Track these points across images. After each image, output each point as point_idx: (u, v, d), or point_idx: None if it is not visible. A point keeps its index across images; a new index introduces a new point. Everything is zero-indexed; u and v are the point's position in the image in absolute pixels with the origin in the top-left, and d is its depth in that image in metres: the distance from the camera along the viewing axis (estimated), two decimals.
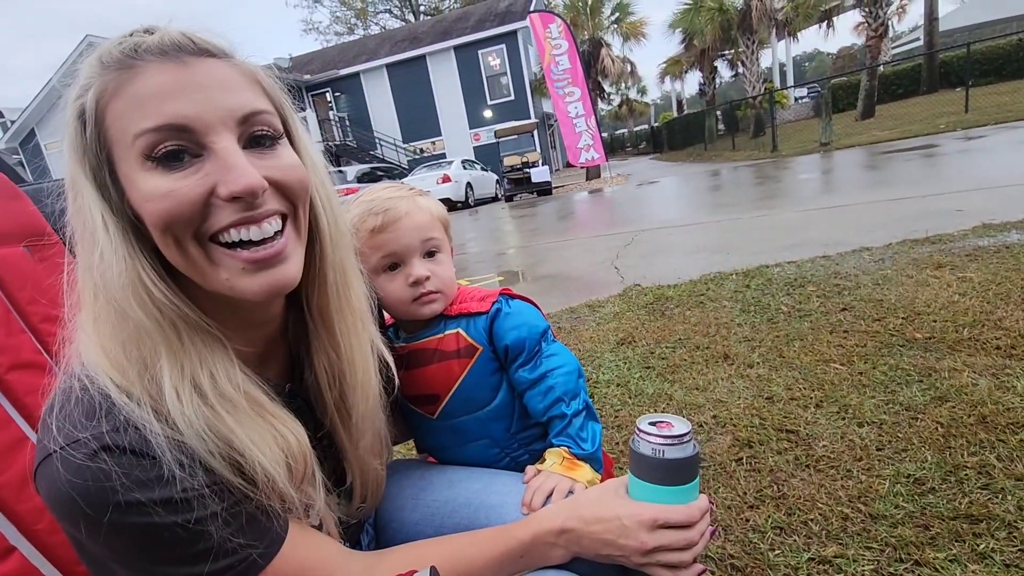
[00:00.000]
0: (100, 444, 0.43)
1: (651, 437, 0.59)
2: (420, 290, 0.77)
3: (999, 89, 13.40)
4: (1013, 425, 1.49)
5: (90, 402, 0.46)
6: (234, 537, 0.47)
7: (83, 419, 0.45)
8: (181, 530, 0.45)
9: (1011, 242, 3.06)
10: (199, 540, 0.46)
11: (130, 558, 0.45)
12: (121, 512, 0.42)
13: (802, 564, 1.17)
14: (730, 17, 18.96)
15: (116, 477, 0.42)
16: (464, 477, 0.79)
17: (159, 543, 0.44)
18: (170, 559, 0.45)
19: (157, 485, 0.44)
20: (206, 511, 0.46)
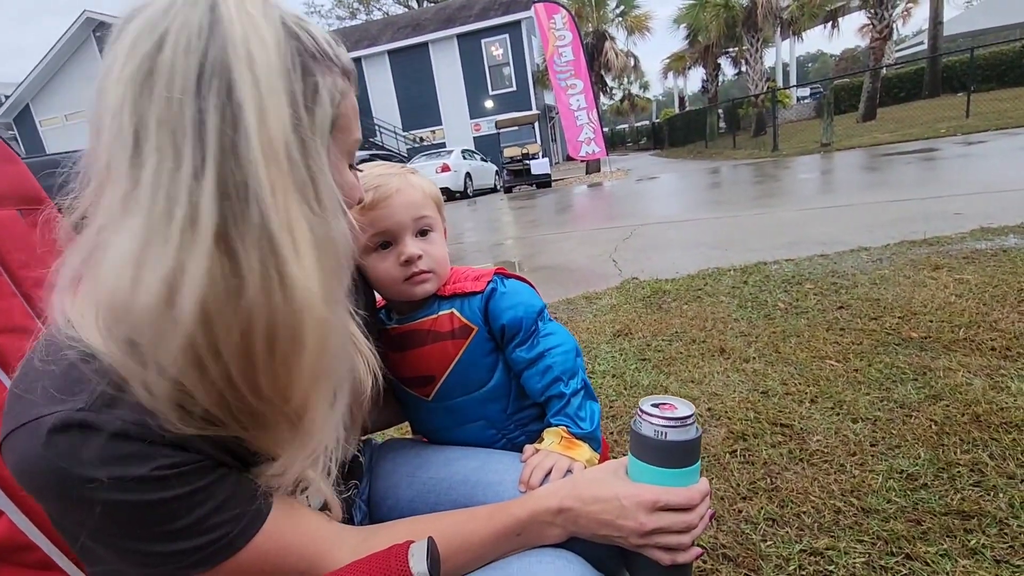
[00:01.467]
0: (73, 419, 0.40)
1: (653, 418, 0.58)
2: (412, 269, 0.75)
3: (1001, 95, 13.45)
4: (1006, 424, 1.50)
5: (67, 370, 0.43)
6: (214, 515, 0.45)
7: (56, 390, 0.42)
8: (157, 508, 0.43)
9: (1008, 246, 3.07)
10: (176, 518, 0.44)
11: (103, 535, 0.43)
12: (93, 489, 0.40)
13: (794, 555, 1.18)
14: (735, 14, 18.86)
15: (88, 452, 0.40)
16: (461, 455, 0.79)
17: (133, 521, 0.42)
18: (145, 536, 0.43)
19: (132, 462, 0.41)
20: (184, 488, 0.44)
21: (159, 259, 0.40)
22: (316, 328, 0.46)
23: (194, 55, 0.41)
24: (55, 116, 24.49)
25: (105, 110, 0.43)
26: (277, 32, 0.45)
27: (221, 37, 0.42)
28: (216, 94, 0.41)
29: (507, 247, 6.18)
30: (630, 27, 21.26)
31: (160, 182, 0.40)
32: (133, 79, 0.42)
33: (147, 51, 0.42)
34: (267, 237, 0.42)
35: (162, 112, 0.41)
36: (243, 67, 0.42)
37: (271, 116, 0.42)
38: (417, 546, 0.52)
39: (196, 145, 0.40)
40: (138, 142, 0.41)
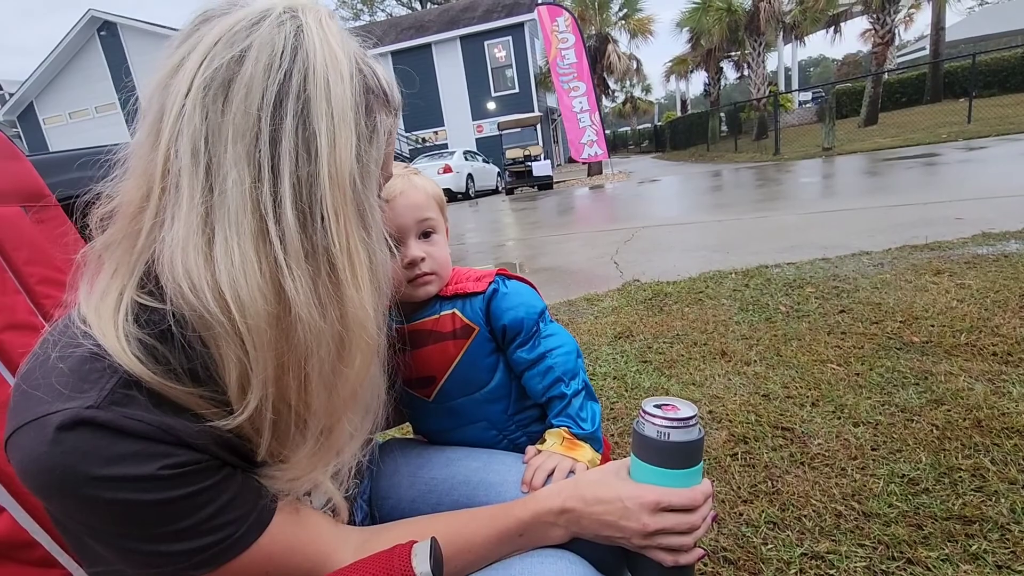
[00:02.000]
0: (82, 416, 0.40)
1: (656, 419, 0.58)
2: (415, 271, 0.75)
3: (1002, 101, 13.45)
4: (1007, 430, 1.50)
5: (78, 364, 0.42)
6: (218, 515, 0.45)
7: (65, 386, 0.41)
8: (162, 507, 0.42)
9: (1010, 251, 3.07)
10: (181, 517, 0.43)
11: (106, 534, 0.43)
12: (98, 487, 0.40)
13: (795, 559, 1.17)
14: (738, 18, 18.88)
15: (95, 451, 0.40)
16: (463, 456, 0.79)
17: (137, 520, 0.42)
18: (149, 536, 0.43)
19: (138, 460, 0.41)
20: (189, 488, 0.43)
21: (236, 267, 0.42)
22: (366, 350, 0.49)
23: (275, 76, 0.43)
24: (59, 114, 24.55)
25: (170, 107, 0.44)
26: (351, 66, 0.47)
27: (303, 64, 0.44)
28: (292, 118, 0.43)
29: (509, 248, 6.18)
30: (633, 30, 21.29)
31: (244, 195, 0.42)
32: (207, 86, 0.43)
33: (226, 61, 0.43)
34: (328, 259, 0.45)
35: (239, 125, 0.42)
36: (321, 97, 0.44)
37: (341, 147, 0.45)
38: (420, 546, 0.51)
39: (272, 164, 0.43)
40: (212, 151, 0.42)
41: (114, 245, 0.47)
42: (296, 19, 0.46)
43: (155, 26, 22.36)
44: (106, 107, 23.71)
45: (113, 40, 22.75)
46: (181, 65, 0.44)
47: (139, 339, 0.43)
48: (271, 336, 0.43)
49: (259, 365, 0.44)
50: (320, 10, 0.49)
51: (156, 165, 0.44)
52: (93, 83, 23.33)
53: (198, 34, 0.46)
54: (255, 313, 0.42)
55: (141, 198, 0.45)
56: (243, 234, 0.42)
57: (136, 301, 0.45)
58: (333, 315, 0.45)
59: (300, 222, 0.43)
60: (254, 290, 0.42)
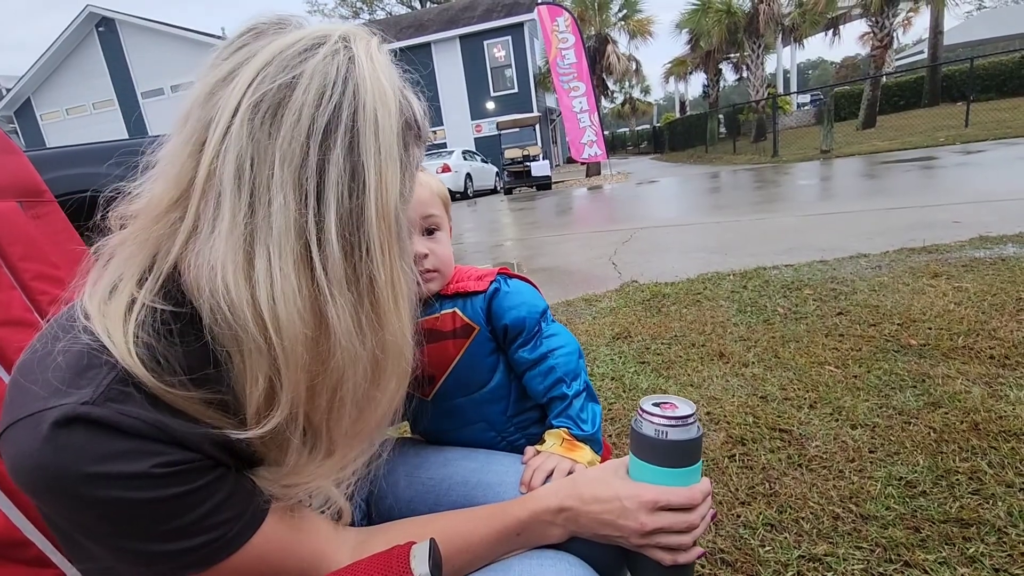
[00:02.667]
0: (76, 413, 0.39)
1: (654, 418, 0.58)
2: (418, 268, 0.75)
3: (1000, 105, 13.50)
4: (1005, 433, 1.50)
5: (75, 359, 0.42)
6: (212, 514, 0.45)
7: (61, 381, 0.41)
8: (154, 506, 0.42)
9: (1007, 255, 3.08)
10: (174, 516, 0.43)
11: (98, 533, 0.42)
12: (90, 485, 0.39)
13: (792, 561, 1.17)
14: (737, 20, 18.90)
15: (89, 448, 0.39)
16: (461, 456, 0.78)
17: (130, 518, 0.41)
18: (141, 535, 0.42)
19: (131, 458, 0.41)
20: (183, 487, 0.43)
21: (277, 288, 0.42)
22: (401, 375, 0.52)
23: (326, 107, 0.44)
24: (56, 110, 24.44)
25: (216, 121, 0.44)
26: (397, 102, 0.48)
27: (353, 97, 0.45)
28: (341, 149, 0.44)
29: (507, 248, 6.18)
30: (632, 31, 21.30)
31: (289, 219, 0.43)
32: (257, 106, 0.43)
33: (277, 85, 0.44)
34: (372, 290, 0.46)
35: (286, 151, 0.43)
36: (370, 132, 0.45)
37: (388, 182, 0.46)
38: (419, 547, 0.51)
39: (318, 192, 0.43)
40: (257, 173, 0.43)
41: (131, 243, 0.47)
42: (349, 49, 0.47)
43: (154, 23, 22.29)
44: (104, 104, 23.63)
45: (111, 36, 22.67)
46: (231, 78, 0.45)
47: (148, 343, 0.43)
48: (307, 359, 0.44)
49: (290, 384, 0.45)
50: (371, 42, 0.50)
51: (197, 175, 0.44)
52: (91, 79, 23.25)
53: (247, 49, 0.46)
54: (292, 335, 0.43)
55: (170, 202, 0.45)
56: (285, 257, 0.43)
57: (151, 305, 0.45)
58: (372, 342, 0.47)
59: (345, 251, 0.44)
60: (292, 312, 0.43)
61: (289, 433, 0.47)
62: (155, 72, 22.23)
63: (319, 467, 0.51)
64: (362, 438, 0.53)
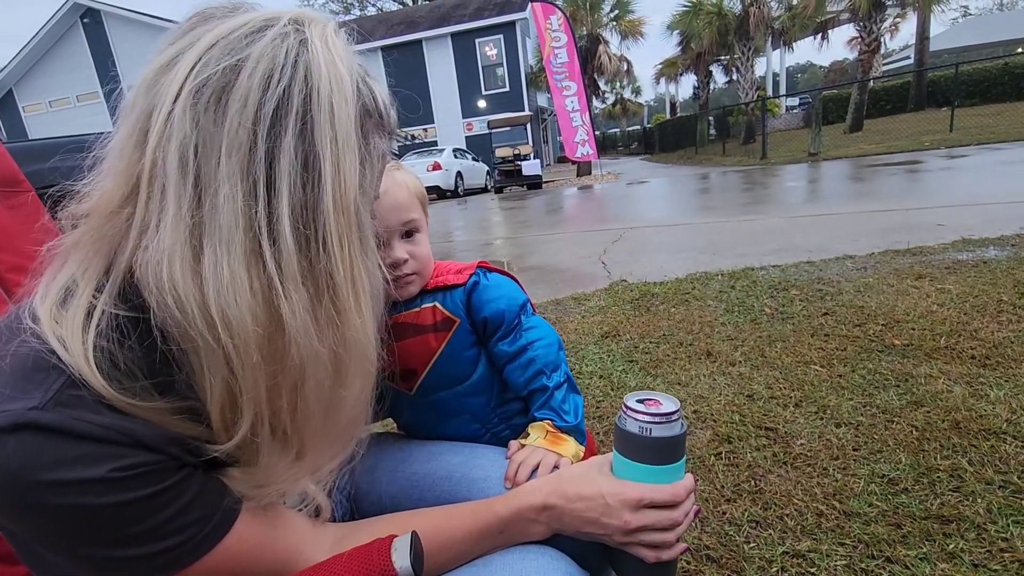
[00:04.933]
0: (25, 419, 0.37)
1: (638, 415, 0.57)
2: (397, 272, 0.75)
3: (984, 111, 13.73)
4: (985, 431, 1.52)
5: (21, 363, 0.40)
6: (178, 517, 0.42)
7: (8, 386, 0.39)
8: (115, 511, 0.39)
9: (988, 257, 3.13)
10: (137, 521, 0.41)
11: (58, 542, 0.40)
12: (45, 493, 0.37)
13: (776, 557, 1.18)
14: (728, 22, 19.03)
15: (41, 454, 0.37)
16: (444, 450, 0.78)
17: (90, 525, 0.39)
18: (104, 541, 0.40)
19: (87, 463, 0.38)
20: (145, 491, 0.41)
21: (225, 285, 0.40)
22: (365, 376, 0.49)
23: (273, 91, 0.41)
24: (39, 102, 24.01)
25: (158, 108, 0.42)
26: (355, 88, 0.46)
27: (305, 82, 0.42)
28: (292, 137, 0.41)
29: (497, 247, 6.17)
30: (624, 31, 21.37)
31: (236, 212, 0.40)
32: (199, 91, 0.41)
33: (221, 68, 0.41)
34: (331, 286, 0.44)
35: (232, 139, 0.40)
36: (325, 120, 0.42)
37: (346, 172, 0.44)
38: (400, 540, 0.50)
39: (268, 182, 0.41)
40: (202, 161, 0.40)
41: (84, 244, 0.44)
42: (300, 32, 0.44)
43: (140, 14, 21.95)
44: (88, 96, 23.24)
45: (96, 28, 22.31)
46: (173, 64, 0.42)
47: (109, 352, 0.41)
48: (260, 357, 0.42)
49: (248, 385, 0.43)
50: (327, 26, 0.47)
51: (142, 167, 0.42)
52: (75, 71, 22.85)
53: (194, 33, 0.44)
54: (244, 333, 0.41)
55: (121, 198, 0.43)
56: (233, 251, 0.40)
57: (111, 311, 0.42)
58: (332, 339, 0.44)
59: (299, 246, 0.42)
60: (243, 310, 0.40)
61: (258, 436, 0.45)
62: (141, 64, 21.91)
63: (291, 469, 0.49)
64: (333, 439, 0.51)
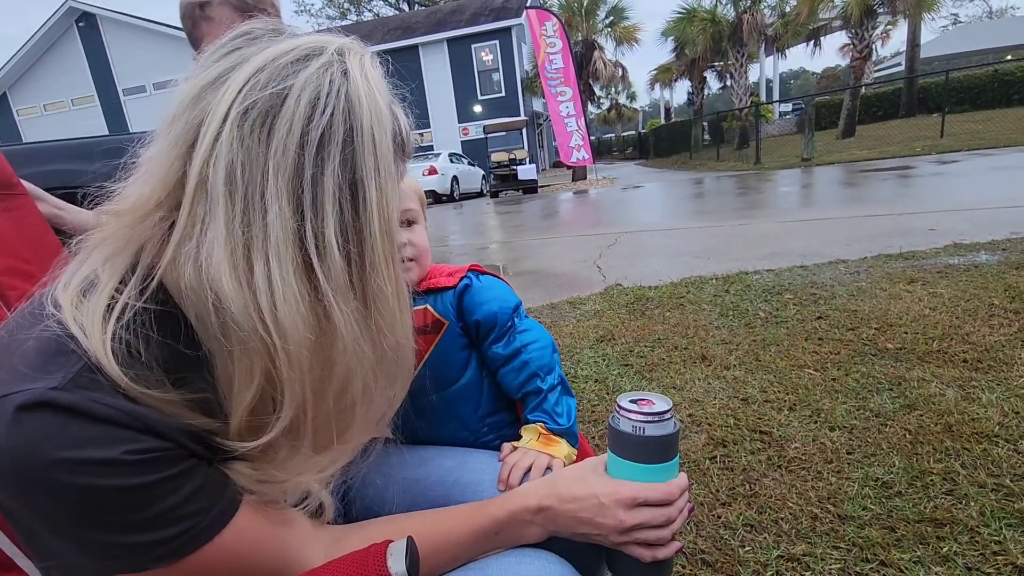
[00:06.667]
0: (44, 397, 0.38)
1: (631, 414, 0.57)
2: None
3: (974, 117, 13.89)
4: (977, 435, 1.53)
5: (43, 345, 0.41)
6: (181, 505, 0.43)
7: (28, 366, 0.40)
8: (123, 494, 0.40)
9: (980, 262, 3.15)
10: (142, 507, 0.41)
11: (64, 524, 0.40)
12: (57, 471, 0.38)
13: (771, 561, 1.18)
14: (721, 29, 19.19)
15: (56, 433, 0.38)
16: (437, 455, 0.77)
17: (97, 507, 0.40)
18: (108, 525, 0.41)
19: (101, 444, 0.40)
20: (152, 476, 0.42)
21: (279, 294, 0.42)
22: (406, 376, 0.54)
23: (319, 120, 0.43)
24: (33, 106, 23.88)
25: (207, 125, 0.43)
26: (391, 119, 0.48)
27: (348, 112, 0.45)
28: (338, 164, 0.44)
29: (492, 251, 6.17)
30: (619, 38, 21.52)
31: (287, 229, 0.42)
32: (247, 113, 0.43)
33: (268, 93, 0.43)
34: (379, 298, 0.47)
35: (279, 161, 0.43)
36: (368, 150, 0.45)
37: (389, 197, 0.47)
38: (396, 545, 0.50)
39: (315, 204, 0.43)
40: (249, 180, 0.42)
41: (112, 241, 0.47)
42: (343, 63, 0.46)
43: (135, 18, 21.92)
44: (83, 99, 23.15)
45: (92, 32, 22.23)
46: (220, 82, 0.44)
47: (128, 342, 0.43)
48: (311, 362, 0.45)
49: (294, 388, 0.45)
50: (364, 57, 0.49)
51: (188, 178, 0.43)
52: (70, 75, 22.76)
53: (240, 53, 0.46)
54: (296, 339, 0.43)
55: (156, 203, 0.45)
56: (285, 265, 0.43)
57: (135, 304, 0.44)
58: (380, 346, 0.48)
59: (348, 264, 0.45)
60: (295, 317, 0.43)
61: (289, 437, 0.47)
62: (137, 69, 21.85)
63: (300, 467, 0.50)
64: (356, 440, 0.54)
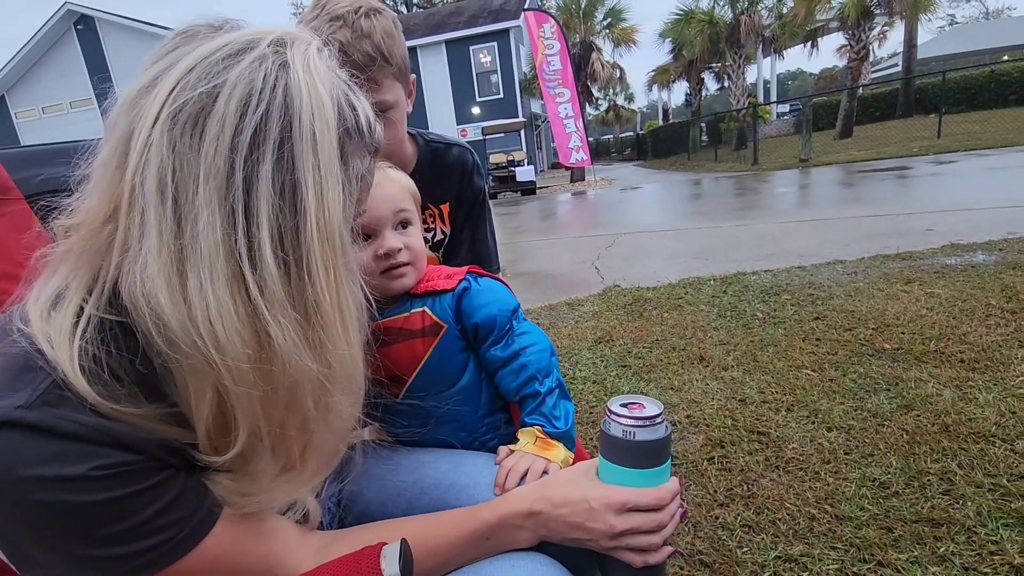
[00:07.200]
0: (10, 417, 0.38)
1: (622, 419, 0.57)
2: (391, 262, 0.75)
3: (970, 117, 13.91)
4: (974, 435, 1.53)
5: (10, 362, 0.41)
6: (158, 517, 0.43)
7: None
8: (96, 509, 0.40)
9: (976, 262, 3.16)
10: (117, 520, 0.41)
11: (40, 538, 0.40)
12: (29, 489, 0.38)
13: (769, 562, 1.18)
14: (719, 30, 19.23)
15: (25, 451, 0.38)
16: (433, 458, 0.77)
17: (72, 522, 0.39)
18: (84, 539, 0.40)
19: (70, 460, 0.39)
20: (126, 489, 0.41)
21: (212, 310, 0.40)
22: (354, 394, 0.50)
23: (251, 118, 0.41)
24: (31, 108, 23.84)
25: (137, 132, 0.42)
26: (336, 112, 0.45)
27: (284, 108, 0.42)
28: (271, 164, 0.41)
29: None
30: (616, 39, 21.53)
31: (216, 239, 0.40)
32: (175, 116, 0.41)
33: (197, 94, 0.41)
34: (318, 312, 0.44)
35: (209, 165, 0.40)
36: (307, 148, 0.42)
37: (330, 200, 0.43)
38: (390, 548, 0.50)
39: (247, 210, 0.41)
40: (180, 187, 0.41)
41: (73, 254, 0.45)
42: (280, 55, 0.44)
43: (134, 21, 21.90)
44: (81, 102, 23.10)
45: (90, 34, 22.21)
46: (153, 86, 0.43)
47: (96, 356, 0.42)
48: (253, 376, 0.43)
49: (242, 403, 0.43)
50: (309, 46, 0.46)
51: (122, 188, 0.42)
52: (68, 78, 22.71)
53: (175, 54, 0.44)
54: (235, 354, 0.41)
55: (104, 216, 0.44)
56: (216, 278, 0.40)
57: (99, 316, 0.43)
58: (323, 360, 0.45)
59: (284, 273, 0.42)
60: (232, 332, 0.41)
61: (253, 451, 0.46)
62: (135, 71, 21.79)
63: (277, 480, 0.50)
64: (323, 453, 0.52)
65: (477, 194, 1.17)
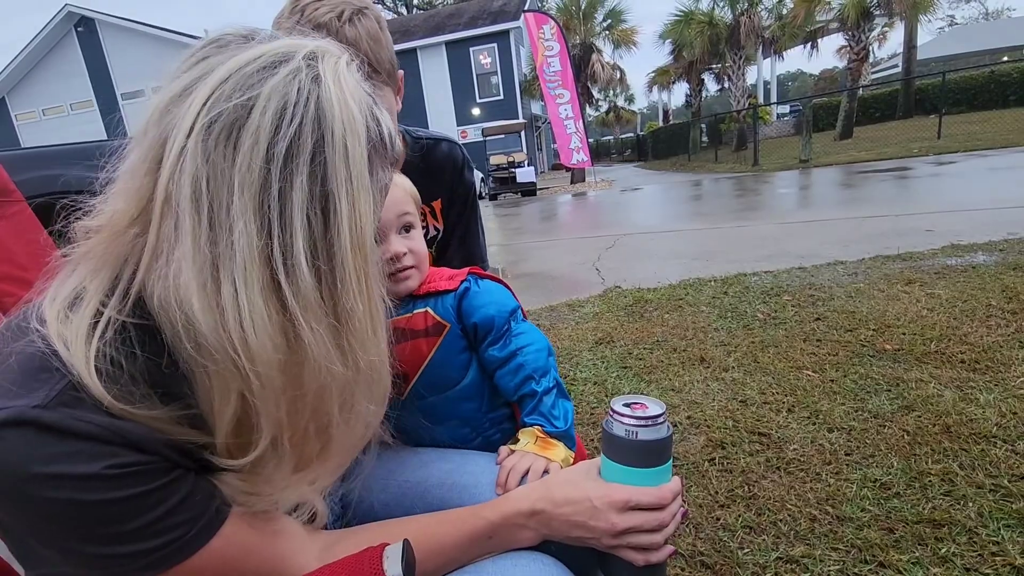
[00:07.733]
0: (26, 416, 0.38)
1: (624, 418, 0.58)
2: (396, 265, 0.76)
3: (970, 118, 13.91)
4: (975, 435, 1.53)
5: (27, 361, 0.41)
6: (167, 517, 0.43)
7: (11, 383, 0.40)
8: (107, 508, 0.40)
9: (977, 262, 3.16)
10: (126, 519, 0.41)
11: (50, 536, 0.40)
12: (40, 487, 0.38)
13: (770, 563, 1.18)
14: (719, 31, 19.25)
15: (38, 449, 0.38)
16: (436, 458, 0.78)
17: (81, 521, 0.40)
18: (93, 538, 0.41)
19: (81, 459, 0.39)
20: (136, 489, 0.41)
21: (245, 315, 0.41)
22: (381, 396, 0.52)
23: (286, 130, 0.42)
24: (31, 111, 23.88)
25: (172, 139, 0.42)
26: (366, 126, 0.46)
27: (318, 122, 0.43)
28: (306, 177, 0.42)
29: (491, 254, 6.15)
30: (616, 40, 21.55)
31: (252, 248, 0.41)
32: (210, 126, 0.41)
33: (232, 105, 0.42)
34: (349, 319, 0.45)
35: (244, 176, 0.41)
36: (339, 160, 0.43)
37: (362, 212, 0.45)
38: (392, 549, 0.50)
39: (282, 220, 0.42)
40: (214, 196, 0.41)
41: (93, 257, 0.46)
42: (313, 68, 0.44)
43: (135, 23, 21.94)
44: (81, 104, 23.14)
45: (90, 36, 22.25)
46: (187, 94, 0.43)
47: (113, 359, 0.42)
48: (283, 382, 0.44)
49: (269, 407, 0.44)
50: (339, 60, 0.47)
51: (155, 195, 0.43)
52: (69, 79, 22.76)
53: (207, 63, 0.44)
54: (265, 360, 0.42)
55: (130, 220, 0.44)
56: (251, 284, 0.41)
57: (117, 319, 0.43)
58: (354, 365, 0.47)
59: (317, 281, 0.43)
60: (264, 338, 0.42)
61: (274, 454, 0.47)
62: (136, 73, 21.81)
63: (289, 480, 0.50)
64: (342, 455, 0.53)
65: (469, 189, 1.17)
